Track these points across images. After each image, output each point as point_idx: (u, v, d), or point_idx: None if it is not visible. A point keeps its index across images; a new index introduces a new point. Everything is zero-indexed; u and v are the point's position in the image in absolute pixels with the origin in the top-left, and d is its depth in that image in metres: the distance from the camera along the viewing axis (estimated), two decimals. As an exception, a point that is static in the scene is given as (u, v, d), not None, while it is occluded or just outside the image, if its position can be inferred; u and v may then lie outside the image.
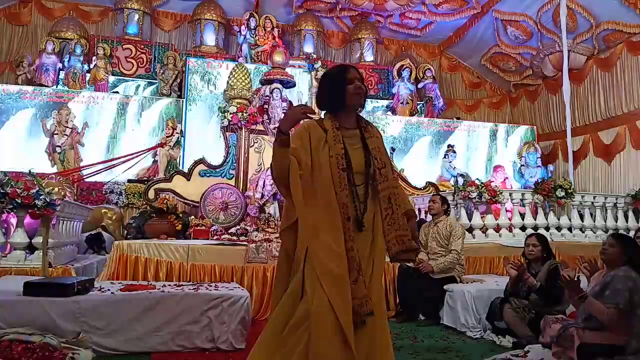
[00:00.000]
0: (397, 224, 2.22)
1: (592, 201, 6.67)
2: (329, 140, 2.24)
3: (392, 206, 2.23)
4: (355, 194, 2.21)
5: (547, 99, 10.99)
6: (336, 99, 2.31)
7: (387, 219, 2.22)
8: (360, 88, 2.30)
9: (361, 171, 2.24)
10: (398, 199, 2.27)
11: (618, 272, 2.95)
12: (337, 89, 2.31)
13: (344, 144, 2.24)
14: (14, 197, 4.25)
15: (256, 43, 10.79)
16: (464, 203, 6.13)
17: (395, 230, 2.21)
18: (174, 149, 9.11)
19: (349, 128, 2.31)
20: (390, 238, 2.20)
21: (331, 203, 2.16)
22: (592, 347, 2.89)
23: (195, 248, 4.96)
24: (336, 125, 2.28)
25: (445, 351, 3.76)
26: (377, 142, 2.33)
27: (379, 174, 2.26)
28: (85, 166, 8.82)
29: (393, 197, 2.25)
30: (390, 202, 2.23)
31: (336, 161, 2.19)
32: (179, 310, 3.57)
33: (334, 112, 2.33)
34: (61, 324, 3.29)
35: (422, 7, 11.19)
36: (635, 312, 2.83)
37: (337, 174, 2.18)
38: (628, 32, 8.99)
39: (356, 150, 2.27)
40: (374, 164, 2.26)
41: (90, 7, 11.32)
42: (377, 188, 2.25)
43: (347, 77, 2.30)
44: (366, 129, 2.34)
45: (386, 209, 2.23)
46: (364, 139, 2.31)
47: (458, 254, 4.84)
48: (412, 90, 11.20)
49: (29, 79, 9.82)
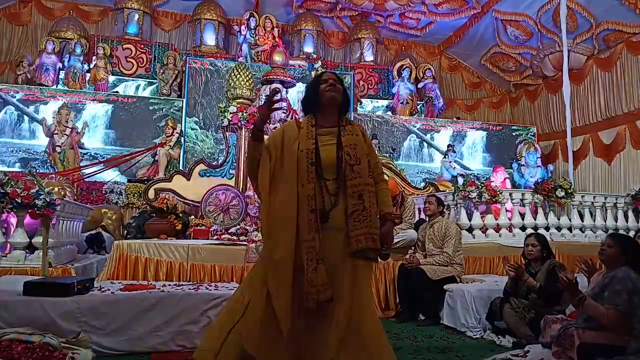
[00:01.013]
0: (369, 221, 2.24)
1: (592, 201, 6.67)
2: (300, 137, 2.33)
3: (363, 203, 2.24)
4: (324, 187, 2.26)
5: (547, 99, 10.99)
6: (312, 98, 2.43)
7: (354, 214, 2.23)
8: (332, 85, 2.38)
9: (332, 166, 2.29)
10: (372, 197, 2.28)
11: (617, 273, 2.94)
12: (312, 89, 2.44)
13: (316, 140, 2.32)
14: (14, 197, 4.25)
15: (256, 43, 10.80)
16: (464, 203, 6.12)
17: (366, 227, 2.23)
18: (174, 149, 9.11)
19: (327, 126, 2.39)
20: (357, 234, 2.22)
21: (291, 195, 2.23)
22: (592, 347, 2.89)
23: (195, 248, 4.95)
24: (312, 123, 2.38)
25: (445, 351, 3.76)
26: (355, 140, 2.36)
27: (350, 170, 2.28)
28: (85, 166, 8.83)
29: (366, 195, 2.26)
30: (361, 199, 2.25)
31: (305, 155, 2.27)
32: (179, 310, 3.56)
33: (314, 113, 2.43)
34: (61, 324, 3.29)
35: (422, 7, 11.19)
36: (635, 313, 2.83)
37: (304, 167, 2.25)
38: (628, 32, 8.99)
39: (329, 146, 2.33)
40: (345, 160, 2.29)
41: (90, 7, 11.32)
42: (347, 184, 2.27)
43: (322, 78, 2.44)
44: (345, 127, 2.39)
45: (355, 205, 2.24)
46: (340, 135, 2.36)
47: (448, 256, 4.85)
48: (412, 90, 11.20)
49: (29, 79, 9.82)
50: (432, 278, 4.75)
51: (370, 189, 2.29)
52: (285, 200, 2.25)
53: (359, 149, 2.34)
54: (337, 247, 2.24)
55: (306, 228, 2.19)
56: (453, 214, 6.32)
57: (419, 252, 5.16)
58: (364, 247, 2.21)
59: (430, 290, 4.73)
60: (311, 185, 2.23)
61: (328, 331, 2.16)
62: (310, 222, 2.19)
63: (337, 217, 2.25)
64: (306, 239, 2.18)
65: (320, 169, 2.27)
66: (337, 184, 2.28)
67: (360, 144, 2.36)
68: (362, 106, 11.33)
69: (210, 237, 6.09)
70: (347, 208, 2.25)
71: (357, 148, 2.33)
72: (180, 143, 9.21)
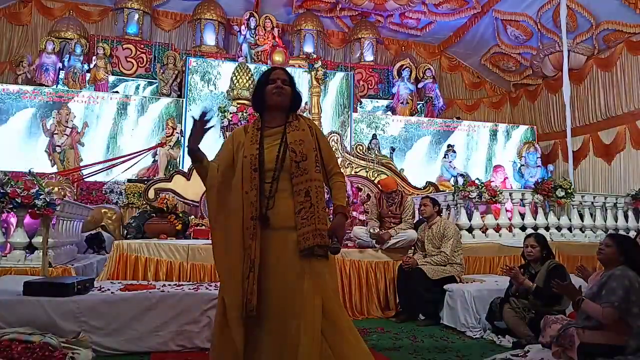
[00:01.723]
0: (316, 217, 2.18)
1: (592, 201, 6.67)
2: (245, 143, 2.29)
3: (310, 200, 2.19)
4: (261, 190, 2.21)
5: (547, 99, 10.99)
6: (258, 99, 2.38)
7: (301, 212, 2.18)
8: (279, 87, 2.31)
9: (271, 168, 2.23)
10: (320, 193, 2.22)
11: (615, 271, 2.95)
12: (259, 89, 2.38)
13: (260, 143, 2.27)
14: (14, 197, 4.25)
15: (256, 43, 10.79)
16: (464, 203, 6.12)
17: (313, 223, 2.16)
18: (174, 149, 9.11)
19: (274, 127, 2.33)
20: (305, 231, 2.15)
21: (237, 203, 2.21)
22: (592, 347, 2.89)
23: (195, 248, 4.96)
24: (258, 126, 2.33)
25: (445, 351, 3.76)
26: (301, 135, 2.29)
27: (295, 167, 2.22)
28: (85, 166, 8.82)
29: (313, 191, 2.20)
30: (308, 195, 2.19)
31: (249, 161, 2.23)
32: (179, 310, 3.57)
33: (262, 113, 2.39)
34: (61, 324, 3.29)
35: (422, 7, 11.19)
36: (632, 311, 2.83)
37: (248, 174, 2.21)
38: (628, 32, 8.99)
39: (273, 147, 2.27)
40: (290, 157, 2.23)
41: (90, 7, 11.32)
42: (292, 182, 2.22)
43: (269, 77, 2.35)
44: (291, 124, 2.33)
45: (301, 203, 2.19)
46: (285, 133, 2.29)
47: (446, 255, 4.86)
48: (412, 90, 11.20)
49: (29, 79, 9.82)
50: (432, 278, 4.75)
51: (318, 184, 2.23)
52: (233, 208, 2.23)
53: (305, 144, 2.27)
54: (287, 247, 2.18)
55: (247, 236, 2.16)
56: (453, 214, 6.32)
57: (418, 252, 5.17)
58: (311, 244, 2.15)
59: (430, 290, 4.73)
60: (254, 192, 2.18)
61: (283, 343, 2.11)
62: (248, 229, 2.16)
63: (280, 218, 2.19)
64: (246, 246, 2.15)
65: (262, 173, 2.22)
66: (273, 184, 2.22)
67: (306, 139, 2.29)
68: (362, 106, 11.33)
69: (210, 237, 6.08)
70: (294, 206, 2.19)
71: (303, 143, 2.26)
72: (180, 143, 9.21)
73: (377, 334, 4.27)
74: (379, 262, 5.28)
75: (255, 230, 2.15)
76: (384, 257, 5.31)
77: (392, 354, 3.65)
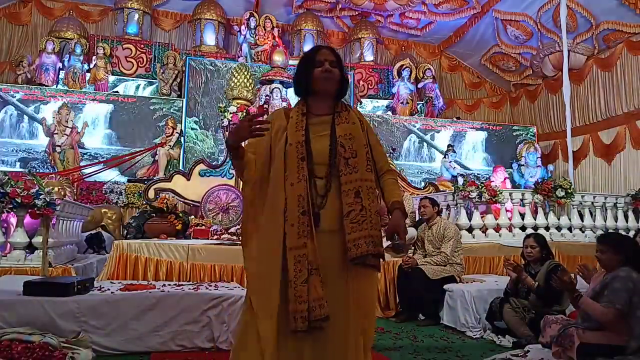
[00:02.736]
0: (368, 222, 1.93)
1: (592, 201, 6.67)
2: (289, 128, 2.02)
3: (361, 201, 1.94)
4: (314, 186, 1.96)
5: (547, 99, 10.99)
6: (303, 83, 2.10)
7: (350, 215, 1.92)
8: (329, 71, 2.04)
9: (323, 162, 1.99)
10: (372, 194, 1.97)
11: (619, 272, 2.94)
12: (304, 72, 2.09)
13: (306, 131, 2.01)
14: (14, 197, 4.25)
15: (256, 43, 10.80)
16: (464, 203, 6.12)
17: (365, 229, 1.92)
18: (174, 149, 9.11)
19: (320, 114, 2.07)
20: (355, 237, 1.91)
21: (277, 197, 1.94)
22: (591, 347, 2.89)
23: (195, 248, 4.95)
24: (303, 111, 2.07)
25: (445, 351, 3.76)
26: (351, 129, 2.03)
27: (344, 165, 1.97)
28: (85, 166, 8.82)
29: (364, 192, 1.95)
30: (358, 197, 1.94)
31: (295, 149, 1.96)
32: (179, 310, 3.56)
33: (306, 98, 2.12)
34: (61, 324, 3.29)
35: (422, 7, 11.19)
36: (635, 314, 2.83)
37: (295, 163, 1.94)
38: (628, 32, 9.00)
39: (321, 137, 2.02)
40: (339, 153, 1.98)
41: (90, 7, 11.32)
42: (341, 180, 1.97)
43: (316, 58, 2.07)
44: (340, 115, 2.07)
45: (350, 205, 1.93)
46: (334, 125, 2.04)
47: (446, 256, 4.86)
48: (412, 90, 11.20)
49: (29, 79, 9.82)
50: (432, 278, 4.75)
51: (369, 184, 1.98)
52: (271, 201, 1.96)
53: (355, 139, 2.01)
54: (332, 254, 1.93)
55: (295, 233, 1.88)
56: (453, 214, 6.32)
57: (418, 252, 5.17)
58: (365, 252, 1.90)
59: (430, 290, 4.73)
60: (302, 184, 1.92)
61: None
62: (301, 225, 1.88)
63: (327, 219, 1.95)
64: (295, 245, 1.87)
65: (312, 165, 1.97)
66: (327, 181, 1.98)
67: (357, 133, 2.03)
68: (362, 106, 11.33)
69: (210, 237, 6.09)
70: (343, 208, 1.94)
71: (353, 138, 2.01)
72: (180, 143, 9.21)
73: (377, 334, 4.26)
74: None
75: (309, 228, 1.89)
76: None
77: (392, 354, 3.65)
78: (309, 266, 1.86)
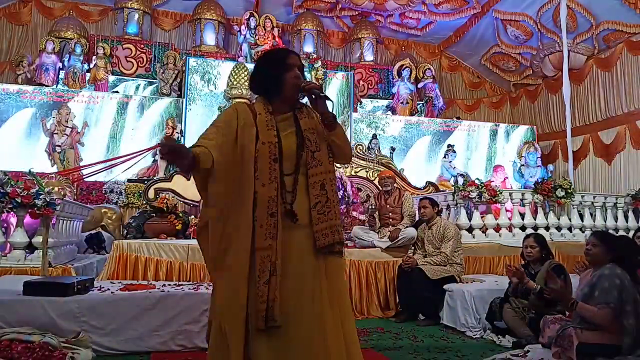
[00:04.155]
0: (332, 212, 2.03)
1: (592, 201, 6.67)
2: (260, 125, 2.02)
3: (326, 193, 2.03)
4: (282, 184, 1.99)
5: (547, 98, 10.99)
6: (272, 86, 2.10)
7: (317, 206, 2.01)
8: (299, 78, 2.08)
9: (291, 158, 2.03)
10: (334, 186, 2.08)
11: (603, 270, 2.95)
12: (274, 75, 2.09)
13: (277, 130, 2.03)
14: (14, 197, 4.25)
15: (256, 43, 10.79)
16: (464, 203, 6.12)
17: (330, 219, 2.02)
18: (174, 149, 9.09)
19: (283, 112, 2.11)
20: (322, 227, 2.00)
21: (245, 199, 1.95)
22: (590, 347, 2.89)
23: (195, 248, 4.94)
24: (269, 109, 2.08)
25: (445, 351, 3.76)
26: (312, 123, 2.11)
27: (311, 158, 2.05)
28: (85, 166, 8.82)
29: (328, 184, 2.05)
30: (324, 189, 2.03)
31: (268, 149, 1.98)
32: (179, 310, 3.57)
33: (267, 97, 2.13)
34: (61, 324, 3.30)
35: (422, 7, 11.19)
36: (624, 308, 2.83)
37: (266, 165, 1.96)
38: (628, 32, 9.00)
39: (288, 135, 2.06)
40: (306, 147, 2.05)
41: (90, 7, 11.31)
42: (308, 173, 2.03)
43: (288, 62, 2.09)
44: (300, 110, 2.13)
45: (317, 196, 2.02)
46: (297, 119, 2.09)
47: (446, 256, 4.86)
48: (412, 90, 11.20)
49: (29, 79, 9.82)
50: (432, 278, 4.76)
51: (332, 176, 2.08)
52: (238, 202, 1.96)
53: (318, 132, 2.09)
54: (303, 247, 1.99)
55: (263, 234, 1.91)
56: (453, 214, 6.32)
57: (418, 252, 5.17)
58: (332, 241, 2.00)
59: (430, 290, 4.73)
60: (274, 185, 1.95)
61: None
62: (269, 227, 1.92)
63: (299, 214, 2.01)
64: (262, 246, 1.91)
65: (281, 164, 1.99)
66: (295, 177, 2.02)
67: (318, 127, 2.10)
68: (362, 106, 11.33)
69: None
70: (310, 200, 2.01)
71: (316, 132, 2.08)
72: (180, 143, 9.20)
73: (377, 334, 4.27)
74: (379, 262, 5.28)
75: (275, 229, 1.93)
76: (384, 257, 5.31)
77: (392, 354, 3.65)
78: (271, 267, 1.90)
